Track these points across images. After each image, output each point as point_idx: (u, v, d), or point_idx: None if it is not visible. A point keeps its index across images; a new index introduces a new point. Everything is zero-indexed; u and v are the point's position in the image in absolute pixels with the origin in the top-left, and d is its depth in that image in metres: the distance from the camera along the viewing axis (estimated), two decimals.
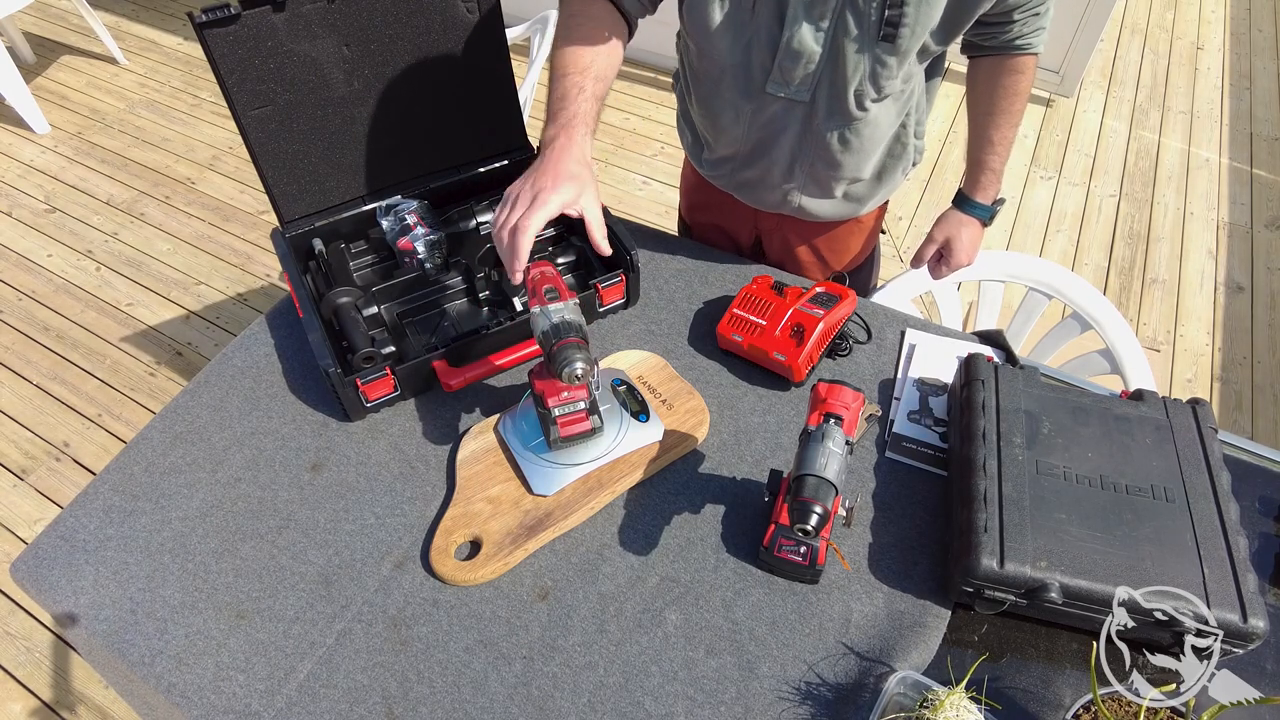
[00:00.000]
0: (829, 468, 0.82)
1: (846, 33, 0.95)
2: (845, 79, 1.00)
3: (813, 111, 1.06)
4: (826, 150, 1.10)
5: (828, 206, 1.21)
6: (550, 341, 0.85)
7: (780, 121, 1.09)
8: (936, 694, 0.76)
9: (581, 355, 0.84)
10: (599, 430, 0.97)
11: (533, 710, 0.81)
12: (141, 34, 3.54)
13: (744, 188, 1.22)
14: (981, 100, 1.17)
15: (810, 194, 1.19)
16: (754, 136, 1.12)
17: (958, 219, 1.24)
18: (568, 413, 0.94)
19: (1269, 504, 0.98)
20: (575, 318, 0.86)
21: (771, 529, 0.88)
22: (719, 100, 1.11)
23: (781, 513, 0.87)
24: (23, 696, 1.69)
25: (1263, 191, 2.80)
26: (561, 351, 0.84)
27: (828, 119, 1.06)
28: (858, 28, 0.95)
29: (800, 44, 0.97)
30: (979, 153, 1.20)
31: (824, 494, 0.80)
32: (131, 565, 0.91)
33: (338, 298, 1.08)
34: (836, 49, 0.97)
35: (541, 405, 0.94)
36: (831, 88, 1.02)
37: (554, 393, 0.92)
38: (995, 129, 1.17)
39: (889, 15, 0.92)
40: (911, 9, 0.92)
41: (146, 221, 2.70)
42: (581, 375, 0.84)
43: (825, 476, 0.81)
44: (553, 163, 0.87)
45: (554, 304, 0.86)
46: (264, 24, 0.99)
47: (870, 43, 0.96)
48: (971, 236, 1.24)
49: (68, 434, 2.13)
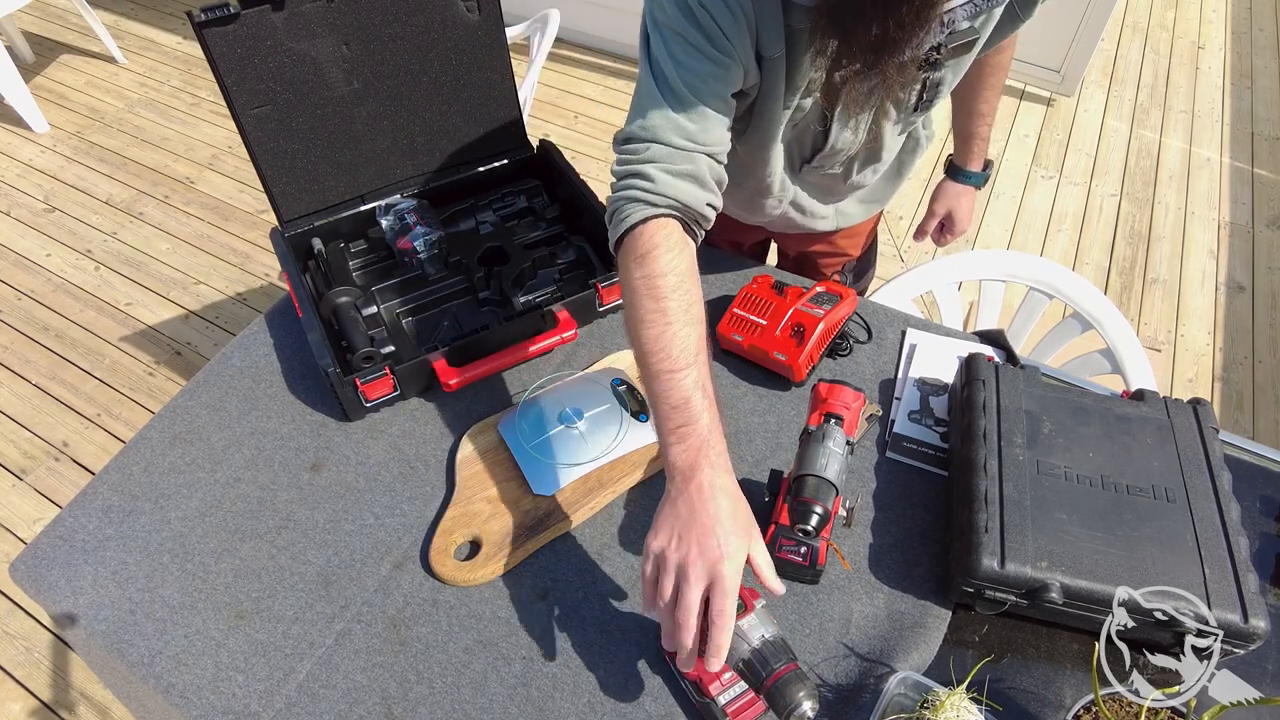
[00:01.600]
0: (829, 468, 0.81)
1: (886, 117, 0.96)
2: (881, 149, 1.04)
3: (850, 169, 1.08)
4: (855, 190, 1.15)
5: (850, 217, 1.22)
6: (760, 675, 0.67)
7: (813, 189, 1.11)
8: (937, 694, 0.76)
9: (807, 690, 0.66)
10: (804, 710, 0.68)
11: (533, 710, 0.81)
12: (141, 33, 3.53)
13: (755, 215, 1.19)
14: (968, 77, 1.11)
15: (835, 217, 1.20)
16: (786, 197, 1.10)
17: (955, 190, 1.32)
18: (735, 697, 0.76)
19: (1270, 504, 0.98)
20: (776, 629, 0.70)
21: (772, 529, 0.88)
22: (755, 196, 1.08)
23: (782, 513, 0.87)
24: (22, 696, 1.69)
25: (1264, 191, 2.80)
26: (782, 691, 0.66)
27: (859, 173, 1.08)
28: (897, 111, 0.96)
29: (843, 143, 0.98)
30: (968, 125, 1.24)
31: (824, 494, 0.80)
32: (131, 565, 0.91)
33: (337, 297, 1.08)
34: (875, 132, 0.99)
35: (700, 694, 0.77)
36: (868, 156, 1.05)
37: (712, 676, 0.75)
38: (983, 101, 1.19)
39: (926, 96, 0.93)
40: (946, 86, 0.93)
41: (146, 221, 2.69)
42: (813, 717, 0.66)
43: (825, 477, 0.81)
44: (708, 515, 0.68)
45: (743, 617, 0.69)
46: (263, 23, 0.99)
47: (908, 117, 0.98)
48: (969, 204, 1.33)
49: (67, 434, 2.13)
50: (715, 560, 0.66)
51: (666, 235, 0.78)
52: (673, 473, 0.72)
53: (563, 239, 1.23)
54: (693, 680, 0.78)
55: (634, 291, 0.77)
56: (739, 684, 0.77)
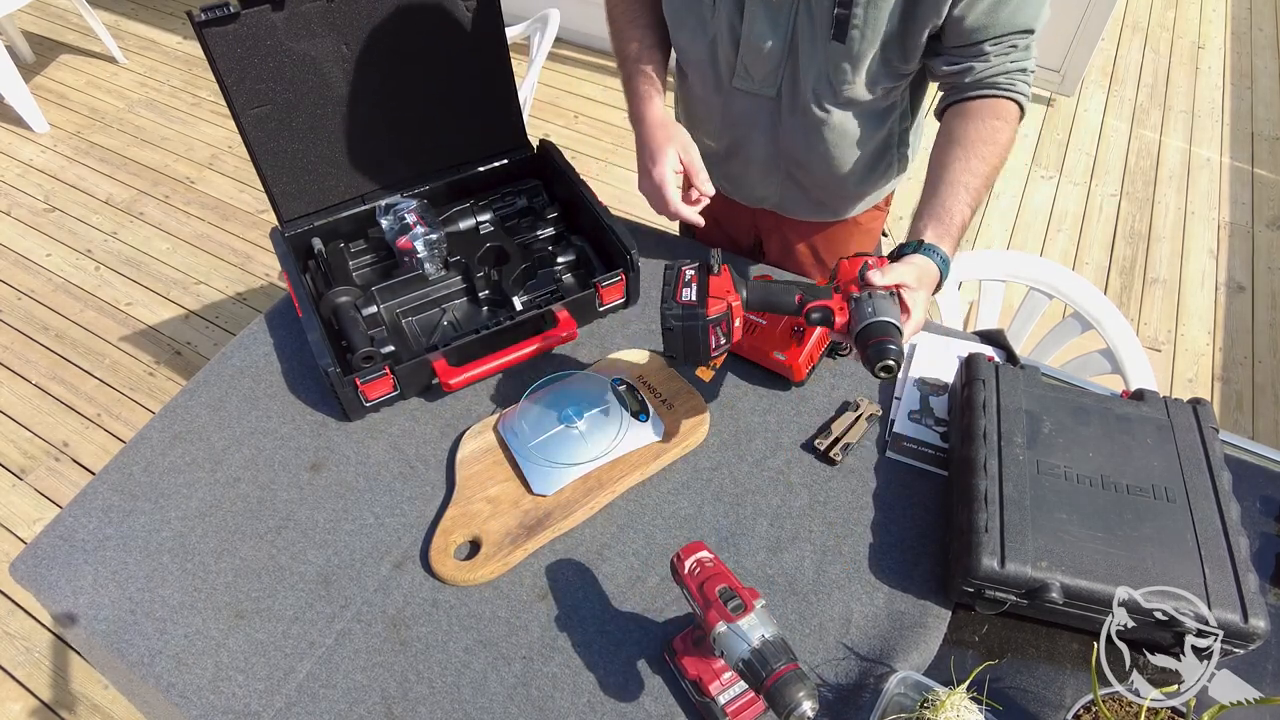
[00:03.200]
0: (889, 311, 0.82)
1: (802, 31, 0.99)
2: (801, 75, 1.03)
3: (778, 107, 1.09)
4: (795, 150, 1.13)
5: (805, 208, 1.24)
6: (760, 675, 0.67)
7: (750, 117, 1.12)
8: (937, 694, 0.76)
9: (806, 690, 0.66)
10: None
11: (533, 710, 0.81)
12: (141, 33, 3.53)
13: (730, 181, 1.24)
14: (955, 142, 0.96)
15: (789, 194, 1.22)
16: (728, 132, 1.16)
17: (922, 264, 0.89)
18: (735, 697, 0.77)
19: (1270, 504, 0.98)
20: (776, 629, 0.70)
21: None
22: (693, 94, 1.16)
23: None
24: (22, 696, 1.69)
25: (1264, 191, 2.80)
26: (782, 691, 0.65)
27: (790, 115, 1.08)
28: (811, 25, 0.98)
29: (759, 39, 1.01)
30: (946, 198, 0.94)
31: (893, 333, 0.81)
32: (131, 565, 0.91)
33: (337, 297, 1.08)
34: (794, 46, 1.01)
35: (700, 693, 0.77)
36: (792, 84, 1.05)
37: (712, 675, 0.76)
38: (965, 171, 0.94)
39: (838, 14, 0.94)
40: (860, 9, 0.93)
41: (146, 221, 2.69)
42: (813, 717, 0.66)
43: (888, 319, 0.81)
44: (647, 137, 1.04)
45: (743, 617, 0.69)
46: (263, 23, 0.99)
47: (824, 41, 0.98)
48: (929, 292, 0.91)
49: (67, 434, 2.13)
50: (654, 150, 1.02)
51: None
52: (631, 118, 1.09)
53: (563, 239, 1.23)
54: (693, 680, 0.78)
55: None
56: (739, 684, 0.77)
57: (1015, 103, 0.97)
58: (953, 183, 0.94)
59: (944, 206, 0.93)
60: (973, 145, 0.95)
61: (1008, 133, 0.97)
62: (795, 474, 0.99)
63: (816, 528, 0.94)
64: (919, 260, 0.89)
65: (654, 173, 1.01)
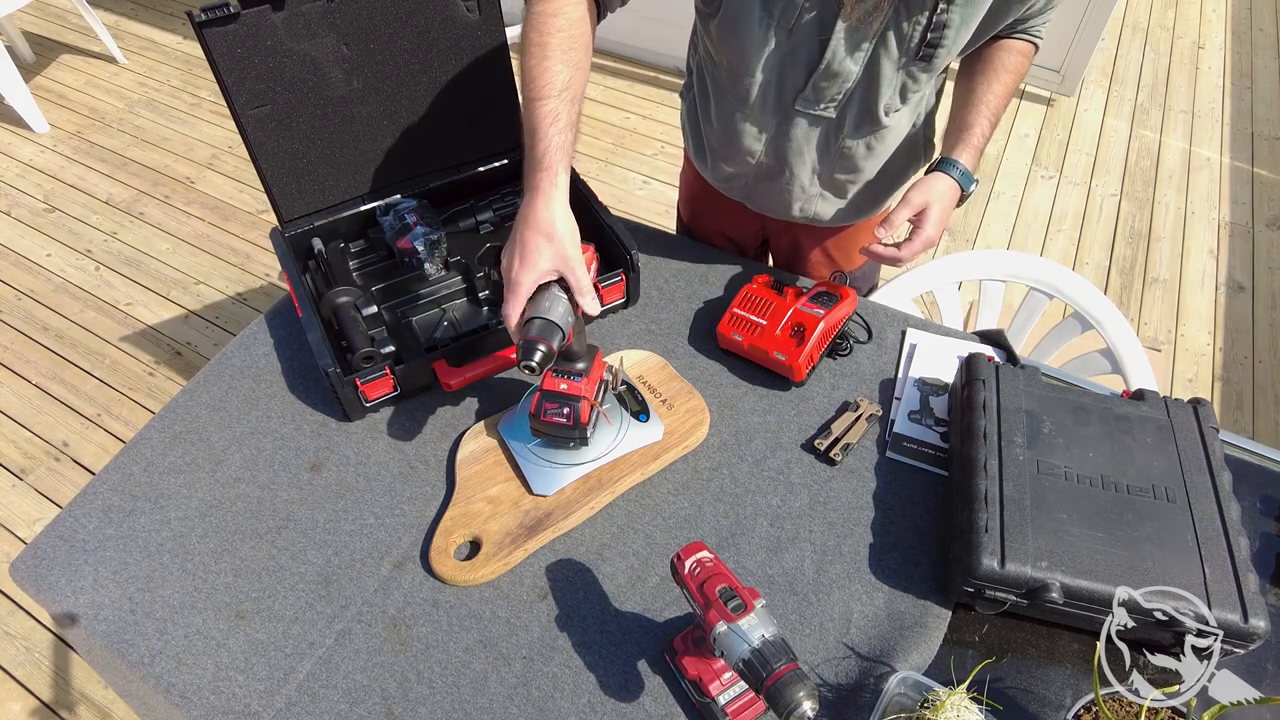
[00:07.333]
0: (554, 310, 0.84)
1: (886, 53, 0.95)
2: (877, 96, 1.00)
3: (839, 126, 1.06)
4: (849, 160, 1.10)
5: (845, 212, 1.20)
6: (760, 675, 0.66)
7: (804, 137, 1.08)
8: (937, 694, 0.76)
9: (806, 690, 0.65)
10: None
11: (533, 710, 0.81)
12: (141, 33, 3.53)
13: (757, 198, 1.21)
14: (977, 70, 1.08)
15: (827, 201, 1.18)
16: (774, 151, 1.11)
17: (938, 185, 1.03)
18: (735, 697, 0.77)
19: (1270, 504, 0.98)
20: (776, 629, 0.69)
21: (537, 396, 0.93)
22: (742, 117, 1.09)
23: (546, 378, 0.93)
24: (22, 696, 1.69)
25: (1264, 191, 2.80)
26: (782, 691, 0.64)
27: (854, 132, 1.06)
28: (898, 49, 0.95)
29: (840, 66, 0.97)
30: (966, 113, 1.07)
31: (549, 334, 0.83)
32: (131, 565, 0.91)
33: (337, 297, 1.08)
34: (873, 69, 0.97)
35: (700, 694, 0.77)
36: (862, 104, 1.02)
37: (712, 675, 0.75)
38: (990, 92, 1.06)
39: (930, 38, 0.93)
40: (952, 31, 0.92)
41: (146, 221, 2.69)
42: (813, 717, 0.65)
43: (550, 318, 0.83)
44: (528, 226, 0.87)
45: (743, 617, 0.69)
46: (263, 23, 0.99)
47: (908, 62, 0.96)
48: (947, 208, 1.05)
49: (67, 434, 2.13)
50: (515, 273, 0.85)
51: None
52: (523, 185, 0.91)
53: None
54: (693, 680, 0.78)
55: (526, 23, 0.94)
56: (739, 684, 0.77)
57: (1035, 42, 1.08)
58: (975, 102, 1.07)
59: (965, 122, 1.07)
60: (996, 73, 1.07)
61: (1026, 64, 1.08)
62: (795, 474, 0.99)
63: (816, 528, 0.94)
64: (929, 180, 1.04)
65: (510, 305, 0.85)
